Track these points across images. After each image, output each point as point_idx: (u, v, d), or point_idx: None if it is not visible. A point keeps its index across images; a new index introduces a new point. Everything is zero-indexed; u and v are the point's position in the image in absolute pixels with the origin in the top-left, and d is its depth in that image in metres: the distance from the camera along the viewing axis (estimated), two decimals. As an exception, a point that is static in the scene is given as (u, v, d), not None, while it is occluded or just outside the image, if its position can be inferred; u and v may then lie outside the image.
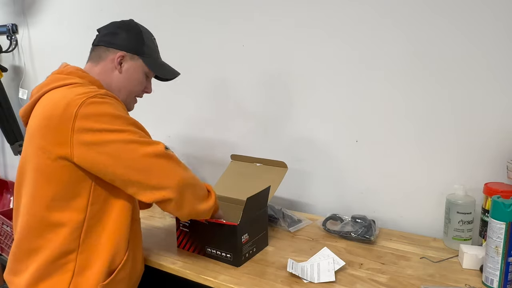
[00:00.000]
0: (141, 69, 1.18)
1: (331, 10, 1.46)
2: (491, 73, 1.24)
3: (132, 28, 1.17)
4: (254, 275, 1.13)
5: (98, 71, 1.14)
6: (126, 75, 1.16)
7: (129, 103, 1.21)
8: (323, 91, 1.53)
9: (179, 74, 1.28)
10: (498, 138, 1.25)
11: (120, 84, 1.16)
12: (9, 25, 2.46)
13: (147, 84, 1.24)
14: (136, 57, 1.16)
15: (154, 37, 1.24)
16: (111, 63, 1.14)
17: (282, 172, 1.42)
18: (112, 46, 1.15)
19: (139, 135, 0.99)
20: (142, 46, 1.17)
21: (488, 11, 1.21)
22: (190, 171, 1.08)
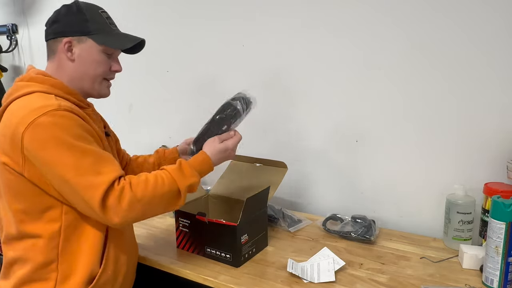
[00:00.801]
0: (95, 49, 1.06)
1: (330, 10, 1.46)
2: (491, 73, 1.24)
3: (71, 10, 1.06)
4: (254, 275, 1.13)
5: (55, 66, 1.07)
6: (80, 61, 1.06)
7: (99, 89, 1.11)
8: (323, 91, 1.53)
9: (140, 39, 1.14)
10: (498, 138, 1.25)
11: (79, 73, 1.07)
12: (9, 25, 2.46)
13: (112, 62, 1.11)
14: (84, 38, 1.05)
15: (103, 9, 1.12)
16: (62, 53, 1.06)
17: (282, 172, 1.42)
18: (57, 36, 1.06)
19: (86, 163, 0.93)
20: (86, 23, 1.05)
21: (488, 12, 1.21)
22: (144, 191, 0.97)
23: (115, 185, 0.94)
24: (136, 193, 0.96)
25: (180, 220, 1.27)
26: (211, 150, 1.13)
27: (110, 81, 1.14)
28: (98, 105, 1.30)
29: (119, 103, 2.09)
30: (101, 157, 0.96)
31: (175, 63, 1.91)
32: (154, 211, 1.02)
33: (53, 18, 1.08)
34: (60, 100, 0.98)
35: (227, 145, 1.15)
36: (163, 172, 1.03)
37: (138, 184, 0.97)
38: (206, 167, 1.10)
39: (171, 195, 1.02)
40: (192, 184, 1.04)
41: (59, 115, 0.93)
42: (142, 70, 1.99)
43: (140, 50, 1.18)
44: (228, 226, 1.15)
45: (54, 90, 1.02)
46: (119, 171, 0.97)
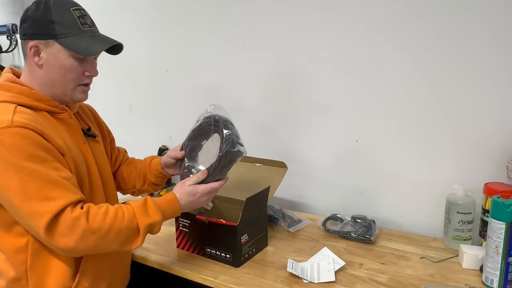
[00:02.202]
0: (63, 54, 0.96)
1: (331, 10, 1.46)
2: (491, 73, 1.24)
3: (38, 7, 0.95)
4: (254, 275, 1.13)
5: (28, 69, 1.00)
6: (48, 66, 0.97)
7: (71, 95, 1.02)
8: (323, 91, 1.53)
9: (113, 43, 1.01)
10: (498, 138, 1.25)
11: (48, 79, 0.99)
12: (9, 25, 2.46)
13: (86, 66, 1.01)
14: (51, 41, 0.95)
15: (78, 5, 1.00)
16: (30, 57, 0.98)
17: (282, 172, 1.42)
18: (25, 37, 0.97)
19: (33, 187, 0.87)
20: (52, 25, 0.94)
21: (488, 11, 1.21)
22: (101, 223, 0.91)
23: (68, 212, 0.88)
24: (91, 225, 0.89)
25: (180, 220, 1.27)
26: (180, 192, 1.04)
27: (86, 86, 1.04)
28: (98, 105, 1.30)
29: (119, 103, 2.09)
30: (52, 180, 0.88)
31: (175, 63, 1.91)
32: (108, 246, 0.94)
33: (22, 17, 0.98)
34: (19, 113, 0.91)
35: (196, 189, 1.04)
36: (126, 206, 0.97)
37: (96, 215, 0.91)
38: (172, 209, 1.01)
39: (129, 232, 0.94)
40: (153, 223, 0.97)
41: (9, 133, 0.86)
42: (142, 70, 1.99)
43: (119, 52, 1.07)
44: (228, 226, 1.15)
45: (20, 98, 0.95)
46: (73, 196, 0.90)
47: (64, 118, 1.03)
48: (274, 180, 1.39)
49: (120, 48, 1.05)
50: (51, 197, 0.87)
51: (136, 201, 0.99)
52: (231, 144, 1.03)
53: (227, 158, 1.04)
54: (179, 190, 1.04)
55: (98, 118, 1.25)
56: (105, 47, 1.00)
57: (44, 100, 0.99)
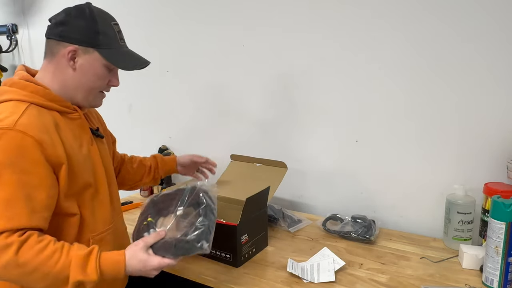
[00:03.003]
0: (99, 63, 1.01)
1: (331, 10, 1.46)
2: (491, 73, 1.24)
3: (83, 15, 0.99)
4: (254, 275, 1.13)
5: (52, 69, 1.01)
6: (81, 72, 1.01)
7: (92, 100, 1.06)
8: (323, 92, 1.53)
9: (146, 64, 1.08)
10: (498, 138, 1.25)
11: (76, 83, 1.02)
12: (9, 25, 2.46)
13: (111, 77, 1.06)
14: (91, 49, 0.99)
15: (116, 21, 1.06)
16: (63, 59, 0.99)
17: (282, 172, 1.42)
18: (62, 39, 0.99)
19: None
20: (97, 35, 0.99)
21: (489, 12, 1.21)
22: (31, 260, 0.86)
23: (3, 237, 0.85)
24: (19, 258, 0.85)
25: None
26: (131, 255, 0.95)
27: (104, 93, 1.09)
28: (98, 105, 1.30)
29: (119, 103, 2.09)
30: (15, 198, 0.86)
31: (175, 63, 1.91)
32: (32, 284, 0.89)
33: (62, 19, 0.99)
34: (27, 115, 0.91)
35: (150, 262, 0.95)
36: (68, 250, 0.90)
37: (30, 249, 0.86)
38: (114, 271, 0.93)
39: (56, 278, 0.88)
40: (86, 281, 0.90)
41: (6, 135, 0.87)
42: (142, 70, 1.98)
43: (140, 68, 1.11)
44: (228, 226, 1.15)
45: (34, 97, 0.96)
46: (20, 222, 0.86)
47: (75, 118, 1.04)
48: (274, 180, 1.39)
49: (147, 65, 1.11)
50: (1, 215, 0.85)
51: (82, 248, 0.92)
52: (197, 236, 0.95)
53: (187, 247, 0.96)
54: (131, 253, 0.95)
55: (102, 120, 1.27)
56: (139, 66, 1.07)
57: (57, 100, 1.00)
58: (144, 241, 0.97)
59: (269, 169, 1.46)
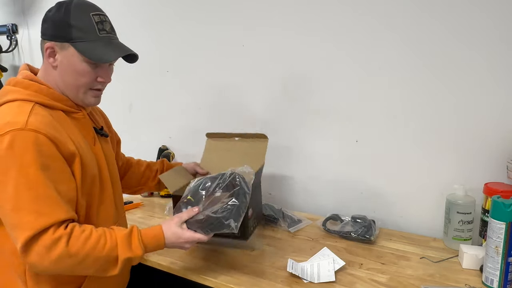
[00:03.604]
0: (77, 58, 0.97)
1: (331, 11, 1.46)
2: (490, 73, 1.24)
3: (59, 9, 0.96)
4: (254, 275, 1.13)
5: (44, 69, 1.02)
6: (62, 69, 0.98)
7: (83, 98, 1.03)
8: (323, 92, 1.53)
9: (127, 53, 1.02)
10: (498, 138, 1.25)
11: (61, 81, 1.00)
12: (9, 25, 2.46)
13: (100, 72, 1.01)
14: (66, 44, 0.96)
15: (99, 11, 1.00)
16: (46, 58, 1.00)
17: (264, 144, 1.38)
18: (43, 37, 1.00)
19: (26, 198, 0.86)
20: (69, 29, 0.95)
21: (488, 13, 1.21)
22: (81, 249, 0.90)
23: (50, 233, 0.87)
24: (70, 249, 0.88)
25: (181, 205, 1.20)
26: (167, 229, 1.01)
27: (99, 91, 1.05)
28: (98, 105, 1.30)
29: (119, 103, 2.09)
30: (46, 194, 0.88)
31: (175, 63, 1.91)
32: (83, 271, 0.94)
33: (44, 17, 1.01)
34: (34, 114, 0.91)
35: (183, 234, 1.02)
36: (110, 233, 0.95)
37: (78, 239, 0.90)
38: (156, 244, 1.00)
39: (107, 261, 0.93)
40: (133, 258, 0.96)
41: (20, 136, 0.87)
42: (142, 69, 1.98)
43: (135, 61, 1.08)
44: None
45: (38, 97, 0.96)
46: (61, 215, 0.89)
47: (79, 118, 1.04)
48: (258, 154, 1.36)
49: (135, 57, 1.06)
50: (40, 213, 0.87)
51: (122, 229, 0.97)
52: (227, 214, 1.01)
53: (216, 223, 1.02)
54: (167, 227, 1.02)
55: (107, 119, 1.27)
56: (118, 55, 1.00)
57: (61, 100, 1.00)
58: (178, 217, 1.03)
59: (250, 142, 1.40)
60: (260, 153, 1.36)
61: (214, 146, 1.46)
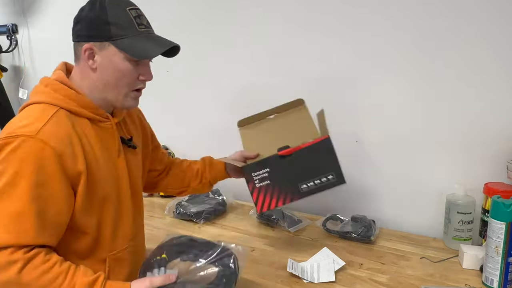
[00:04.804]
0: (118, 57, 0.91)
1: (330, 9, 1.46)
2: (490, 73, 1.24)
3: (93, 7, 0.90)
4: (254, 275, 1.13)
5: (79, 73, 0.96)
6: (103, 70, 0.92)
7: (123, 101, 0.97)
8: (323, 91, 1.53)
9: (172, 45, 0.97)
10: (498, 138, 1.25)
11: (101, 84, 0.94)
12: (9, 25, 2.45)
13: (142, 70, 0.96)
14: (106, 44, 0.90)
15: (133, 5, 0.94)
16: (84, 61, 0.93)
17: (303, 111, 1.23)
18: (78, 39, 0.93)
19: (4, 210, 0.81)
20: (108, 26, 0.89)
21: (492, 11, 1.21)
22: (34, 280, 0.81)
23: (7, 252, 0.80)
24: (22, 277, 0.80)
25: (255, 176, 1.07)
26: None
27: (138, 91, 0.99)
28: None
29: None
30: (24, 212, 0.81)
31: (175, 63, 1.90)
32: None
33: (76, 17, 0.93)
34: (52, 123, 0.86)
35: None
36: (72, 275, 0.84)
37: (35, 269, 0.81)
38: None
39: None
40: None
41: (26, 143, 0.82)
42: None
43: (176, 54, 1.02)
44: (319, 143, 1.02)
45: (65, 102, 0.91)
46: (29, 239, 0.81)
47: (106, 128, 0.97)
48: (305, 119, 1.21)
49: (177, 50, 1.00)
50: (7, 228, 0.80)
51: (87, 273, 0.87)
52: None
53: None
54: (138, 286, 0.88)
55: (144, 123, 1.20)
56: (162, 49, 0.94)
57: (89, 107, 0.94)
58: (150, 282, 0.89)
59: (289, 114, 1.24)
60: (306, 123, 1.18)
61: (249, 134, 1.28)
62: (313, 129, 1.17)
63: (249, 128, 1.29)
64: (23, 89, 2.48)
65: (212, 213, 1.54)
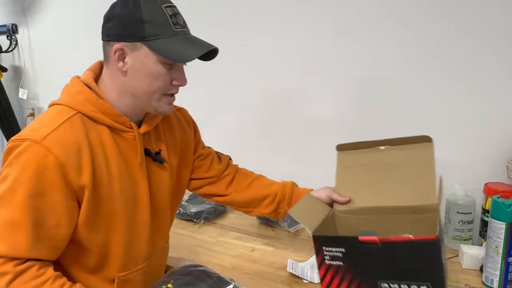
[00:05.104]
0: (151, 59, 0.83)
1: (330, 8, 1.46)
2: (491, 73, 1.24)
3: (126, 3, 0.82)
4: (254, 275, 1.12)
5: (108, 75, 0.88)
6: (133, 74, 0.84)
7: (156, 106, 0.88)
8: (323, 91, 1.53)
9: (211, 47, 0.86)
10: (498, 138, 1.25)
11: (131, 88, 0.86)
12: (9, 25, 2.46)
13: (175, 74, 0.87)
14: (138, 44, 0.82)
15: (169, 2, 0.85)
16: (113, 62, 0.85)
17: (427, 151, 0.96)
18: (108, 38, 0.85)
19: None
20: (141, 25, 0.80)
21: (491, 10, 1.21)
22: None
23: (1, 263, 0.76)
24: None
25: (326, 251, 0.84)
26: None
27: (172, 96, 0.90)
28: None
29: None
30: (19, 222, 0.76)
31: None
32: None
33: (107, 14, 0.85)
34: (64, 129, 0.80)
35: None
36: None
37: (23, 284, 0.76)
38: None
39: None
40: None
41: (31, 149, 0.77)
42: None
43: (213, 57, 0.91)
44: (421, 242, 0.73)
45: (84, 106, 0.84)
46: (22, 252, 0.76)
47: (127, 138, 0.89)
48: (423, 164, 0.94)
49: (215, 53, 0.90)
50: (1, 238, 0.76)
51: None
52: None
53: None
54: None
55: (185, 130, 1.08)
56: (200, 52, 0.84)
57: (109, 114, 0.86)
58: None
59: (404, 150, 0.99)
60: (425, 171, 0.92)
61: (347, 164, 1.06)
62: (430, 186, 0.90)
63: (349, 156, 1.06)
64: (23, 89, 2.48)
65: (212, 213, 1.54)
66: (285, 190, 1.13)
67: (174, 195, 1.05)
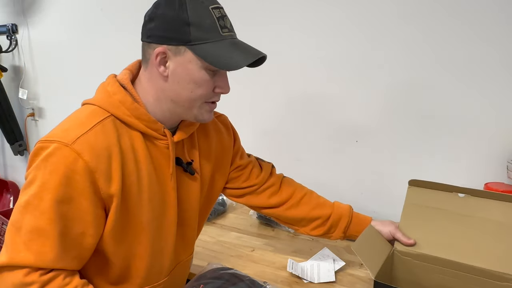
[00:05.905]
0: (195, 65, 0.77)
1: (329, 8, 1.46)
2: (491, 73, 1.24)
3: (171, 3, 0.76)
4: (254, 275, 1.12)
5: (147, 78, 0.83)
6: (175, 79, 0.79)
7: (197, 114, 0.83)
8: (324, 91, 1.53)
9: (261, 55, 0.80)
10: (498, 138, 1.25)
11: (171, 94, 0.80)
12: (9, 25, 2.45)
13: (219, 81, 0.81)
14: (182, 48, 0.76)
15: (217, 3, 0.79)
16: (154, 66, 0.79)
17: None
18: (150, 40, 0.79)
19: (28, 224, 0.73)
20: (187, 28, 0.74)
21: (494, 10, 1.21)
22: None
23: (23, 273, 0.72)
24: None
25: None
26: None
27: (213, 104, 0.85)
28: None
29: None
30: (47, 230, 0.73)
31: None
32: None
33: (150, 13, 0.80)
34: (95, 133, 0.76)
35: None
36: None
37: None
38: None
39: None
40: None
41: (60, 152, 0.73)
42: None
43: (259, 64, 0.84)
44: None
45: (118, 109, 0.80)
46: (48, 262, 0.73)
47: (159, 146, 0.85)
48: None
49: (263, 60, 0.83)
50: (28, 246, 0.72)
51: None
52: None
53: None
54: None
55: (223, 138, 1.02)
56: (249, 60, 0.78)
57: (144, 120, 0.81)
58: None
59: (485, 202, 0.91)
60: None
61: (421, 200, 0.97)
62: None
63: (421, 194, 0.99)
64: (23, 89, 2.48)
65: (212, 213, 1.54)
66: (341, 215, 1.08)
67: (203, 207, 1.01)
